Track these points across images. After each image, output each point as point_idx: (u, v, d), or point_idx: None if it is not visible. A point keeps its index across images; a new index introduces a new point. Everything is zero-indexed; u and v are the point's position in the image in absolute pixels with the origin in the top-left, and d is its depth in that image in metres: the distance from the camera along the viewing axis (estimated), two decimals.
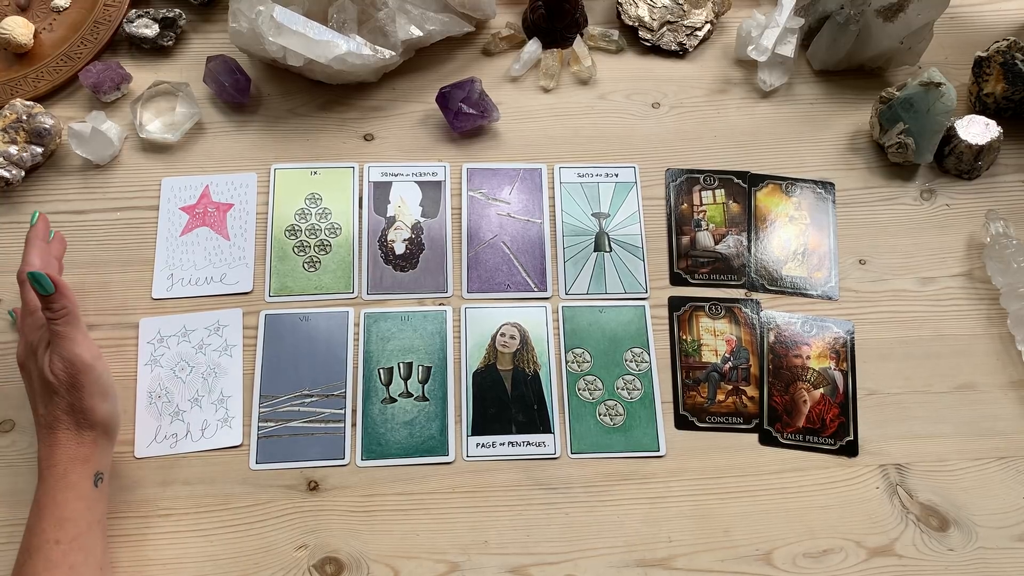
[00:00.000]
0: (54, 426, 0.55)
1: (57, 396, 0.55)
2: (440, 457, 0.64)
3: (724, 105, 0.81)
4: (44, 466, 0.55)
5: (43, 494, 0.54)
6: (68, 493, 0.54)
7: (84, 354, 0.55)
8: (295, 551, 0.60)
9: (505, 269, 0.72)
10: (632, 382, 0.68)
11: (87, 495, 0.55)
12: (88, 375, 0.55)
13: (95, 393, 0.56)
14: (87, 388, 0.55)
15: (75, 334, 0.56)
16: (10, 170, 0.71)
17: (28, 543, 0.53)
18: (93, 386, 0.55)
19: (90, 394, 0.55)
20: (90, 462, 0.55)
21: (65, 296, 0.55)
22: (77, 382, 0.55)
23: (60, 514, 0.53)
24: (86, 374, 0.55)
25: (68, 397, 0.55)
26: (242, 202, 0.73)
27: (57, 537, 0.52)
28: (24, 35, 0.78)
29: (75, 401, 0.55)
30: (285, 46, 0.72)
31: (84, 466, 0.55)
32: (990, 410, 0.68)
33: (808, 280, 0.73)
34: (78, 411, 0.55)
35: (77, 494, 0.54)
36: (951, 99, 0.73)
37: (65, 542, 0.53)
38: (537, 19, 0.82)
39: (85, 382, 0.55)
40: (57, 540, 0.52)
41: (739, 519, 0.63)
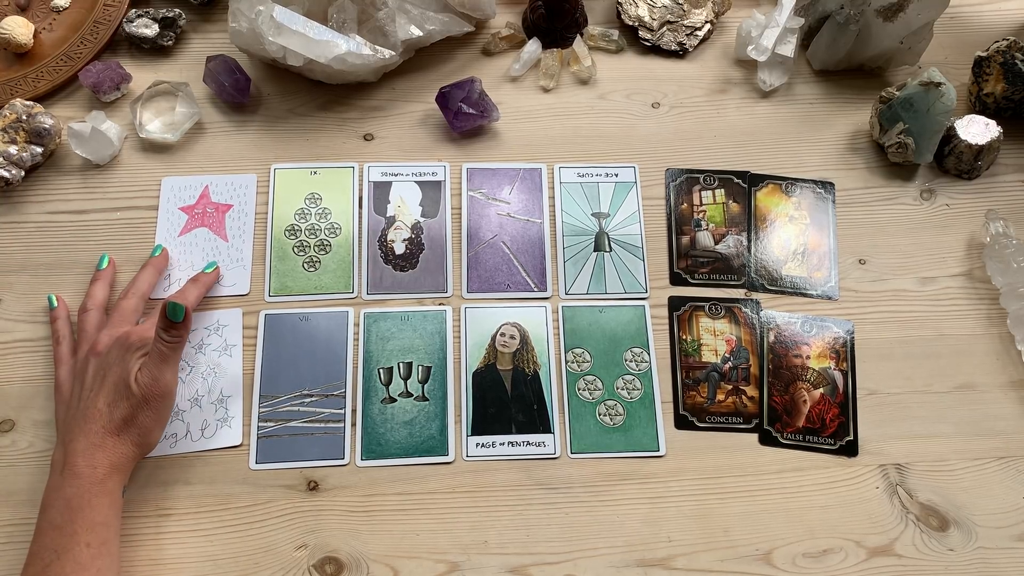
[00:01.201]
0: (110, 430, 0.56)
1: (127, 404, 0.56)
2: (440, 457, 0.64)
3: (724, 105, 0.81)
4: (83, 465, 0.55)
5: (77, 495, 0.54)
6: (104, 499, 0.55)
7: (172, 382, 0.58)
8: (295, 551, 0.60)
9: (505, 269, 0.72)
10: (632, 382, 0.68)
11: (117, 503, 0.56)
12: (164, 401, 0.58)
13: (159, 419, 0.58)
14: (157, 412, 0.58)
15: (175, 361, 0.58)
16: (10, 170, 0.71)
17: (56, 543, 0.53)
18: (161, 412, 0.58)
19: (156, 418, 0.58)
20: (125, 473, 0.57)
21: (187, 329, 0.58)
22: (153, 402, 0.57)
23: (94, 518, 0.54)
24: (163, 400, 0.58)
25: (136, 410, 0.57)
26: (241, 203, 0.73)
27: (88, 540, 0.53)
28: (24, 35, 0.78)
29: (141, 417, 0.57)
30: (285, 46, 0.72)
31: (121, 476, 0.57)
32: (990, 410, 0.68)
33: (808, 280, 0.73)
34: (137, 426, 0.57)
35: (111, 501, 0.55)
36: (951, 99, 0.73)
37: (95, 546, 0.53)
38: (537, 19, 0.82)
39: (159, 406, 0.57)
40: (88, 543, 0.53)
41: (739, 519, 0.63)
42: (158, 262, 0.69)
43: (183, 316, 0.57)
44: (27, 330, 0.67)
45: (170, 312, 0.56)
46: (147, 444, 0.58)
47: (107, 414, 0.56)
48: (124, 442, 0.56)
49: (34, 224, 0.72)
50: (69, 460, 0.55)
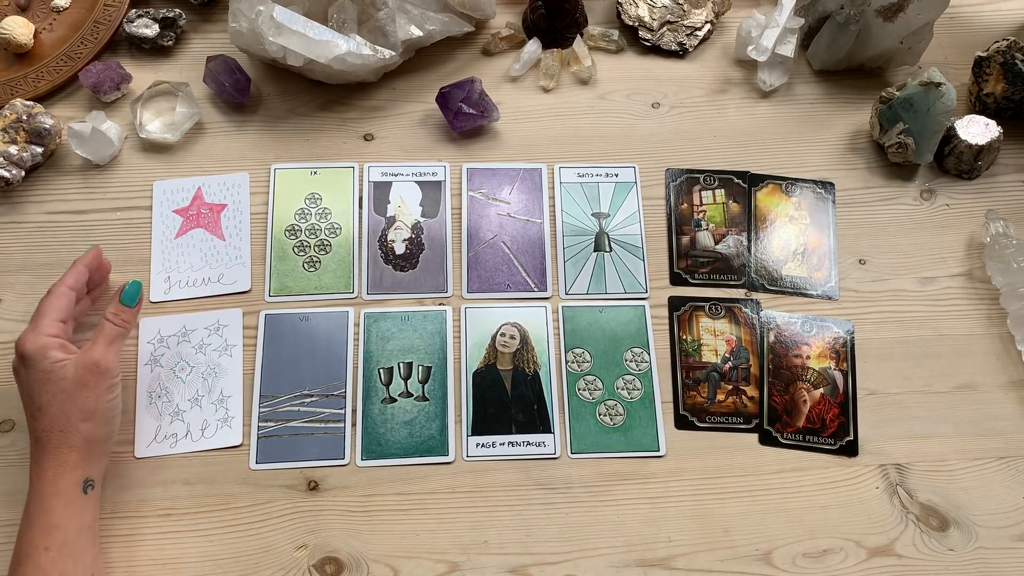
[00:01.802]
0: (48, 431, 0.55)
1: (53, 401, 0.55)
2: (440, 457, 0.64)
3: (724, 105, 0.81)
4: (34, 472, 0.55)
5: (32, 500, 0.54)
6: (57, 500, 0.54)
7: (112, 359, 0.57)
8: (295, 551, 0.60)
9: (505, 269, 0.72)
10: (632, 382, 0.68)
11: (75, 501, 0.54)
12: (102, 379, 0.56)
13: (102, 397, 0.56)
14: (95, 389, 0.56)
15: (117, 346, 0.58)
16: (10, 170, 0.71)
17: (18, 550, 0.53)
18: (101, 391, 0.56)
19: (94, 397, 0.56)
20: (79, 469, 0.55)
21: (136, 314, 0.60)
22: (89, 381, 0.56)
23: (48, 521, 0.53)
24: (101, 377, 0.56)
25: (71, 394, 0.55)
26: (235, 202, 0.73)
27: (46, 544, 0.52)
28: (24, 35, 0.78)
29: (77, 400, 0.55)
30: (285, 46, 0.72)
31: (73, 473, 0.55)
32: (990, 410, 0.68)
33: (808, 280, 0.73)
34: (74, 413, 0.55)
35: (66, 500, 0.54)
36: (951, 99, 0.73)
37: (54, 548, 0.52)
38: (537, 19, 0.82)
39: (96, 384, 0.56)
40: (46, 547, 0.52)
41: (739, 519, 0.63)
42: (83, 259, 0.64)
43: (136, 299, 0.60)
44: None
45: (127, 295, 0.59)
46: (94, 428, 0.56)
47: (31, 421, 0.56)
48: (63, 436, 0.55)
49: (34, 224, 0.72)
50: (29, 476, 0.55)
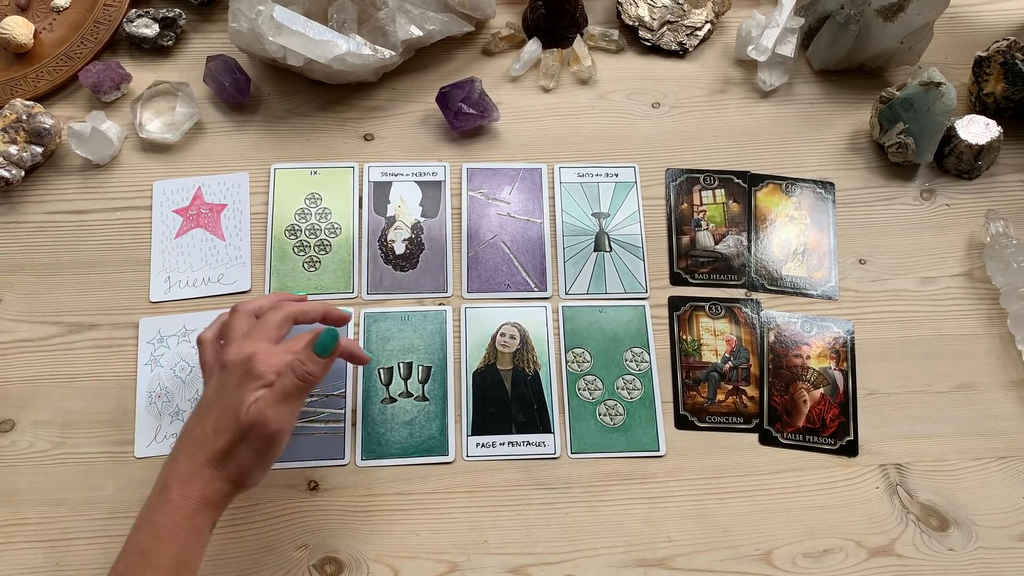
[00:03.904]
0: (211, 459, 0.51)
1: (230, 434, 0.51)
2: (440, 457, 0.64)
3: (724, 105, 0.81)
4: (176, 491, 0.50)
5: (167, 525, 0.50)
6: (192, 536, 0.50)
7: (285, 422, 0.52)
8: (295, 551, 0.60)
9: (505, 269, 0.72)
10: (632, 382, 0.68)
11: (204, 541, 0.51)
12: (270, 443, 0.51)
13: (261, 461, 0.52)
14: (259, 453, 0.51)
15: (296, 404, 0.53)
16: (10, 170, 0.71)
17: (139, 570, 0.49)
18: (265, 454, 0.52)
19: (256, 459, 0.51)
20: (219, 509, 0.52)
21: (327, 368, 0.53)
22: (257, 441, 0.51)
23: (179, 556, 0.50)
24: (270, 441, 0.51)
25: (237, 444, 0.51)
26: (235, 202, 0.73)
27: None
28: (24, 35, 0.78)
29: (241, 453, 0.51)
30: (285, 46, 0.72)
31: (212, 512, 0.51)
32: (990, 410, 0.68)
33: (808, 280, 0.73)
34: (235, 462, 0.51)
35: (199, 540, 0.51)
36: (951, 99, 0.73)
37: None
38: (537, 19, 0.82)
39: (263, 447, 0.51)
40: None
41: (739, 519, 0.63)
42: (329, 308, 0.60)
43: (329, 352, 0.52)
44: (27, 330, 0.67)
45: (318, 345, 0.52)
46: (244, 484, 0.52)
47: (211, 440, 0.51)
48: (220, 476, 0.51)
49: (34, 224, 0.72)
50: (167, 482, 0.51)
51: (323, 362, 0.53)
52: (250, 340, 0.55)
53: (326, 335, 0.53)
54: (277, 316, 0.57)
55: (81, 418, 0.64)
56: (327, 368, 0.53)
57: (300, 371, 0.52)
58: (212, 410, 0.53)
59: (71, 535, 0.60)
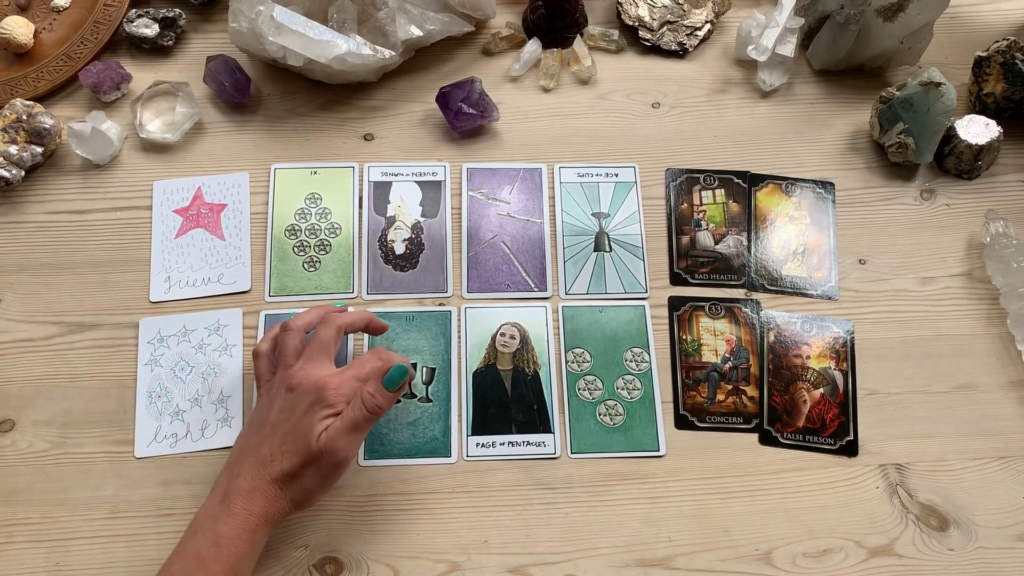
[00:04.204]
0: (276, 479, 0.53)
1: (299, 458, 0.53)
2: (442, 459, 0.64)
3: (724, 105, 0.81)
4: (240, 504, 0.52)
5: (228, 535, 0.52)
6: (251, 550, 0.53)
7: (353, 451, 0.54)
8: (295, 551, 0.60)
9: (505, 269, 0.72)
10: (632, 382, 0.68)
11: (257, 553, 0.54)
12: (337, 470, 0.54)
13: (324, 485, 0.54)
14: (326, 478, 0.54)
15: (364, 431, 0.55)
16: (10, 170, 0.71)
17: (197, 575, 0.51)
18: (330, 479, 0.54)
19: (321, 483, 0.54)
20: (274, 527, 0.54)
21: (393, 401, 0.55)
22: (325, 468, 0.53)
23: (236, 568, 0.51)
24: (336, 469, 0.54)
25: (305, 468, 0.53)
26: (235, 202, 0.73)
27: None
28: (24, 35, 0.78)
29: (307, 477, 0.53)
30: (285, 46, 0.72)
31: (270, 529, 0.54)
32: (990, 410, 0.68)
33: (808, 280, 0.73)
34: (300, 485, 0.53)
35: (254, 553, 0.53)
36: (951, 99, 0.73)
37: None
38: (537, 19, 0.82)
39: (329, 473, 0.54)
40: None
41: (739, 519, 0.63)
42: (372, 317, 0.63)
43: (398, 387, 0.54)
44: (27, 330, 0.67)
45: (387, 380, 0.54)
46: (304, 506, 0.55)
47: (278, 461, 0.53)
48: (283, 496, 0.53)
49: (34, 224, 0.72)
50: (230, 495, 0.53)
51: (391, 395, 0.55)
52: (312, 362, 0.57)
53: (396, 371, 0.55)
54: (330, 332, 0.58)
55: (81, 418, 0.64)
56: (394, 400, 0.55)
57: (370, 404, 0.54)
58: (278, 432, 0.54)
59: (71, 535, 0.60)
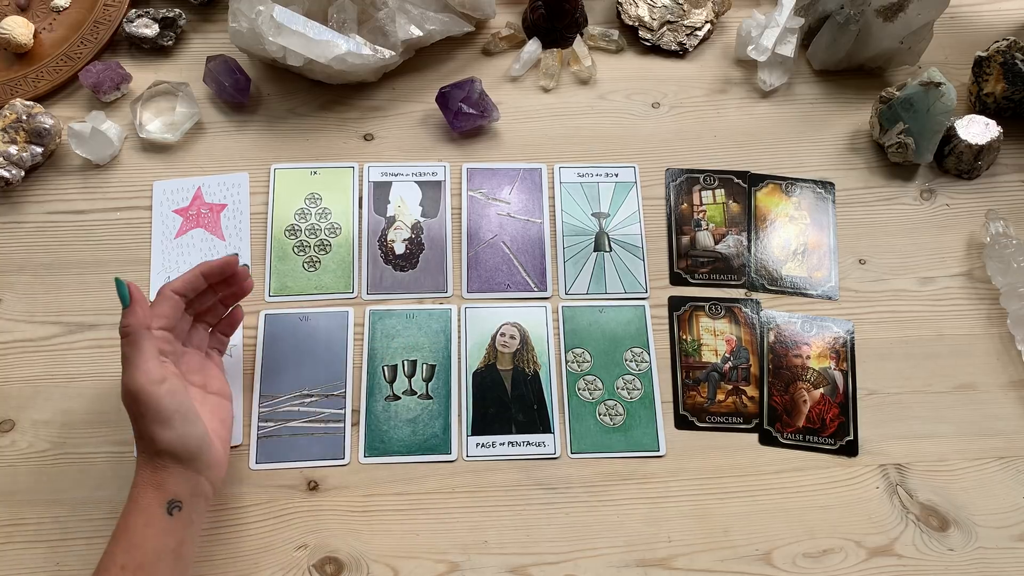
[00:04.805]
0: (137, 449, 0.54)
1: (129, 415, 0.53)
2: (443, 456, 0.64)
3: (724, 105, 0.81)
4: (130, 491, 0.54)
5: (121, 518, 0.53)
6: (137, 518, 0.52)
7: (138, 379, 0.52)
8: (295, 551, 0.60)
9: (505, 269, 0.72)
10: (632, 382, 0.68)
11: (158, 522, 0.52)
12: (140, 403, 0.52)
13: (151, 420, 0.52)
14: (143, 415, 0.52)
15: (135, 357, 0.52)
16: (10, 170, 0.71)
17: (100, 563, 0.52)
18: (148, 413, 0.52)
19: (149, 421, 0.52)
20: (163, 489, 0.52)
21: (133, 314, 0.53)
22: (134, 409, 0.53)
23: (129, 539, 0.51)
24: (138, 402, 0.52)
25: (134, 424, 0.53)
26: (235, 202, 0.73)
27: (123, 562, 0.51)
28: (24, 35, 0.78)
29: (138, 428, 0.53)
30: (285, 46, 0.72)
31: (156, 492, 0.52)
32: (990, 410, 0.68)
33: (808, 280, 0.73)
34: (141, 438, 0.53)
35: (146, 520, 0.52)
36: (951, 99, 0.73)
37: (131, 568, 0.51)
38: (537, 19, 0.82)
39: (140, 409, 0.52)
40: (123, 565, 0.51)
41: (739, 519, 0.63)
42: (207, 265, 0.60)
43: (126, 297, 0.52)
44: (27, 330, 0.67)
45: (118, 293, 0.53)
46: (162, 451, 0.52)
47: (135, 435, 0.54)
48: (143, 458, 0.53)
49: (34, 224, 0.72)
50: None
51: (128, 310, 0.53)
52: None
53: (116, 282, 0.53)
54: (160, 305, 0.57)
55: (81, 418, 0.64)
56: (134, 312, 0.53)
57: (120, 330, 0.53)
58: None
59: (71, 535, 0.60)
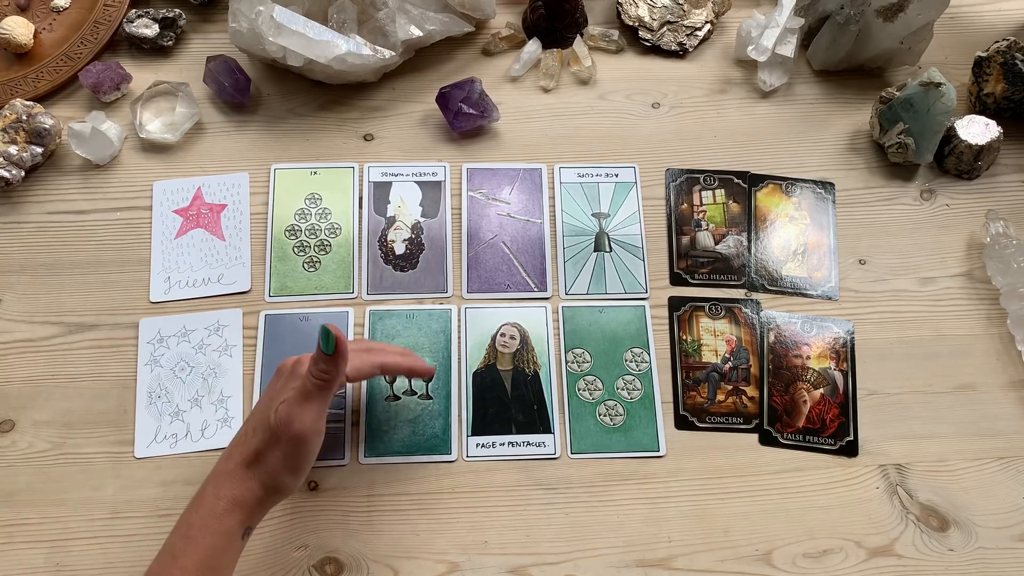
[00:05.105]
0: (245, 459, 0.52)
1: (262, 436, 0.52)
2: (443, 455, 0.64)
3: (724, 105, 0.81)
4: (210, 489, 0.51)
5: (198, 523, 0.50)
6: (219, 539, 0.50)
7: (308, 423, 0.52)
8: (295, 551, 0.60)
9: (505, 269, 0.72)
10: (632, 382, 0.68)
11: (234, 546, 0.51)
12: (297, 445, 0.52)
13: (291, 465, 0.52)
14: (288, 454, 0.52)
15: (317, 401, 0.52)
16: (10, 170, 0.71)
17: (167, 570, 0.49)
18: (294, 455, 0.52)
19: (286, 462, 0.52)
20: (252, 516, 0.52)
21: (337, 365, 0.52)
22: (284, 443, 0.51)
23: (207, 561, 0.49)
24: (296, 443, 0.52)
25: (267, 446, 0.52)
26: (235, 202, 0.73)
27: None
28: (24, 35, 0.78)
29: (271, 455, 0.52)
30: (285, 46, 0.72)
31: (243, 517, 0.51)
32: (990, 410, 0.68)
33: (808, 280, 0.73)
34: (266, 465, 0.52)
35: (227, 543, 0.50)
36: (951, 99, 0.73)
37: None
38: (537, 19, 0.82)
39: (289, 448, 0.52)
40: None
41: (739, 519, 0.63)
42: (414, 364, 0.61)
43: (333, 348, 0.51)
44: (27, 330, 0.67)
45: (321, 338, 0.51)
46: (276, 488, 0.52)
47: (248, 441, 0.52)
48: (252, 477, 0.51)
49: (34, 224, 0.72)
50: (206, 482, 0.52)
51: (331, 358, 0.52)
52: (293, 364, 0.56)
53: (321, 332, 0.52)
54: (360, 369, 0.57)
55: (81, 418, 0.64)
56: (338, 365, 0.52)
57: (313, 370, 0.52)
58: (255, 414, 0.54)
59: (71, 535, 0.60)
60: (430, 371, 0.63)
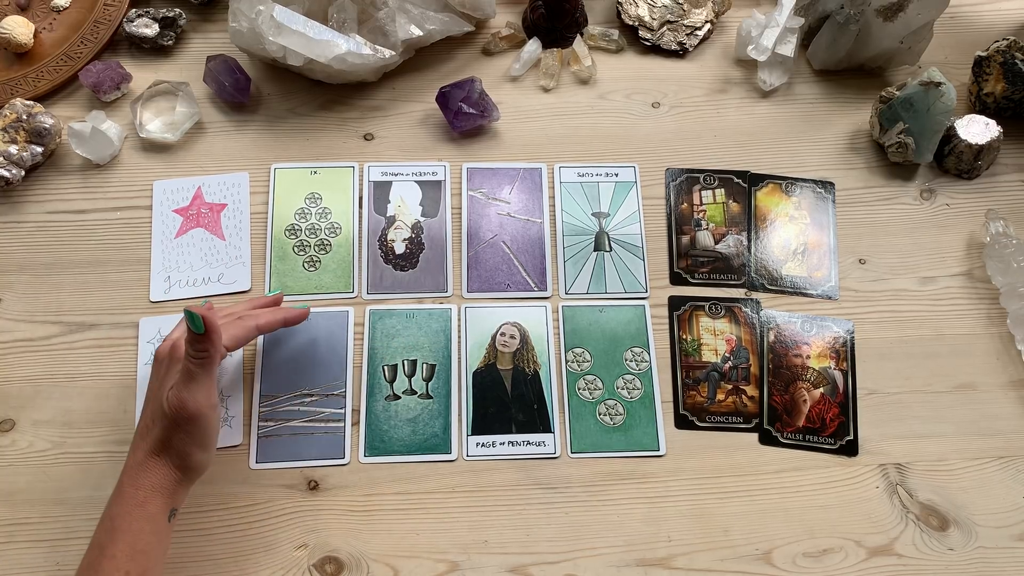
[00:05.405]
0: (152, 449, 0.53)
1: (162, 423, 0.53)
2: (443, 455, 0.64)
3: (724, 105, 0.81)
4: (127, 483, 0.53)
5: (120, 515, 0.52)
6: (146, 524, 0.52)
7: (201, 401, 0.53)
8: (295, 551, 0.60)
9: (505, 269, 0.72)
10: (632, 382, 0.68)
11: (161, 529, 0.53)
12: (195, 423, 0.53)
13: (195, 441, 0.53)
14: (190, 434, 0.53)
15: (203, 379, 0.53)
16: (10, 170, 0.71)
17: (97, 563, 0.51)
18: (196, 433, 0.53)
19: (191, 440, 0.53)
20: (173, 498, 0.54)
21: (211, 342, 0.53)
22: (182, 424, 0.53)
23: (135, 545, 0.51)
24: (193, 421, 0.53)
25: (169, 431, 0.53)
26: (235, 202, 0.73)
27: (128, 568, 0.50)
28: (24, 35, 0.78)
29: (175, 439, 0.53)
30: (285, 46, 0.72)
31: (165, 500, 0.53)
32: (990, 410, 0.68)
33: (808, 280, 0.73)
34: (173, 449, 0.53)
35: (153, 527, 0.52)
36: (951, 99, 0.73)
37: (134, 574, 0.51)
38: (537, 19, 0.82)
39: (190, 428, 0.53)
40: (127, 572, 0.50)
41: (739, 519, 0.63)
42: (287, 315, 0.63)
43: (201, 325, 0.52)
44: (27, 330, 0.67)
45: (191, 325, 0.52)
46: (190, 467, 0.54)
47: (151, 431, 0.54)
48: (164, 464, 0.53)
49: (34, 224, 0.72)
50: (121, 477, 0.53)
51: (204, 337, 0.52)
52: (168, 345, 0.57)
53: (184, 313, 0.52)
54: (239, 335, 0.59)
55: (81, 418, 0.64)
56: (213, 341, 0.53)
57: (190, 351, 0.53)
58: (148, 402, 0.56)
59: (71, 535, 0.60)
60: (303, 315, 0.64)
